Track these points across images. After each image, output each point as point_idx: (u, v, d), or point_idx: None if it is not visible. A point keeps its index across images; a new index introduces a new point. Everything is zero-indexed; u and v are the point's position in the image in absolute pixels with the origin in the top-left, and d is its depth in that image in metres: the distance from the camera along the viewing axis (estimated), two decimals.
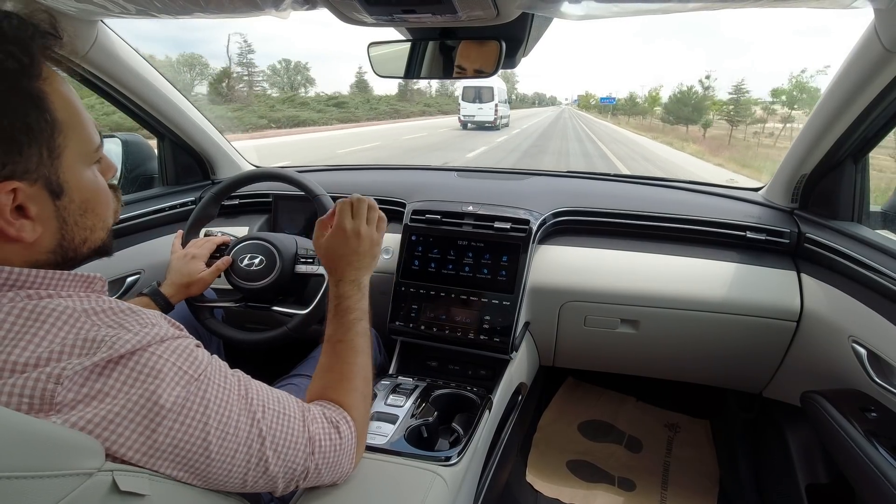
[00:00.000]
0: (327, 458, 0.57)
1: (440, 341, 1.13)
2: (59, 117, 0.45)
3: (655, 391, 1.65)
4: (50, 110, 0.44)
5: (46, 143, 0.44)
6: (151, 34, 32.67)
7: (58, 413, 0.39)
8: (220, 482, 0.49)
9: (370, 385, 0.69)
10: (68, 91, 0.47)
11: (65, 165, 0.46)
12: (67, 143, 0.46)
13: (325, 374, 0.67)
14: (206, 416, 0.46)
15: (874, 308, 0.87)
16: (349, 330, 0.69)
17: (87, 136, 0.49)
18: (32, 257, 0.46)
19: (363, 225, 0.75)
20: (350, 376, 0.66)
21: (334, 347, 0.68)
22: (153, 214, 1.32)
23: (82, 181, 0.49)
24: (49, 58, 0.46)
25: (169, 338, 0.47)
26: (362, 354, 0.69)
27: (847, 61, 0.88)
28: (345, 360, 0.67)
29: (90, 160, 0.50)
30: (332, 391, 0.65)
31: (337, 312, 0.71)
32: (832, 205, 1.11)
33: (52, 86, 0.45)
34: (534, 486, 1.34)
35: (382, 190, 1.38)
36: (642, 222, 1.23)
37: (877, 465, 0.74)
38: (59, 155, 0.46)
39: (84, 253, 0.51)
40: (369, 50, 1.04)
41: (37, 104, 0.43)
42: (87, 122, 0.49)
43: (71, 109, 0.47)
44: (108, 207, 0.54)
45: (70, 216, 0.48)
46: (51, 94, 0.45)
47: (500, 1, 0.74)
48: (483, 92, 19.08)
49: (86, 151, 0.49)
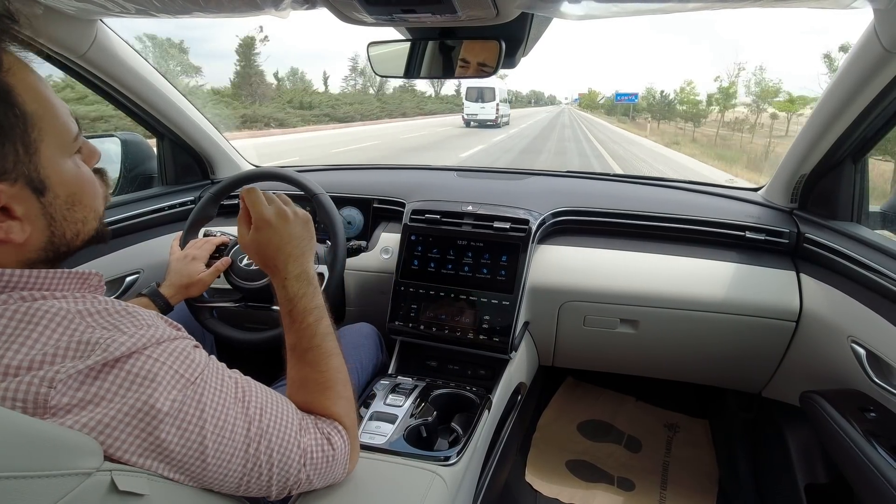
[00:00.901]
0: (319, 469, 0.56)
1: (439, 341, 1.13)
2: (29, 110, 0.43)
3: (655, 391, 1.65)
4: (18, 104, 0.42)
5: (20, 140, 0.42)
6: (151, 34, 32.71)
7: (52, 417, 0.39)
8: (215, 485, 0.49)
9: (349, 386, 0.64)
10: (36, 80, 0.44)
11: (44, 160, 0.44)
12: (42, 136, 0.44)
13: (301, 389, 0.61)
14: (203, 420, 0.46)
15: (873, 308, 0.87)
16: (314, 335, 0.62)
17: (62, 126, 0.46)
18: (25, 257, 0.45)
19: (282, 206, 0.66)
20: (330, 384, 0.61)
21: (303, 358, 0.62)
22: (152, 214, 1.32)
23: (64, 174, 0.47)
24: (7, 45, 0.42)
25: (165, 339, 0.46)
26: (334, 356, 0.63)
27: (847, 61, 0.88)
28: (318, 370, 0.61)
29: (69, 150, 0.48)
30: (316, 405, 0.60)
31: (293, 318, 0.63)
32: (831, 205, 1.11)
33: (16, 77, 0.42)
34: (533, 485, 1.34)
35: (382, 190, 1.38)
36: (642, 222, 1.23)
37: (876, 465, 0.74)
38: (35, 150, 0.43)
39: (78, 245, 0.50)
40: (369, 49, 1.04)
41: (3, 99, 0.41)
42: (60, 111, 0.46)
43: (41, 100, 0.44)
44: (95, 196, 0.52)
45: (57, 212, 0.47)
46: (17, 85, 0.42)
47: (500, 1, 0.74)
48: (485, 92, 20.14)
49: (63, 142, 0.47)
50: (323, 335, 0.63)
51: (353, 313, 1.33)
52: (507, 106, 24.57)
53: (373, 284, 1.29)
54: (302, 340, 0.62)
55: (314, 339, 0.62)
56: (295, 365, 0.62)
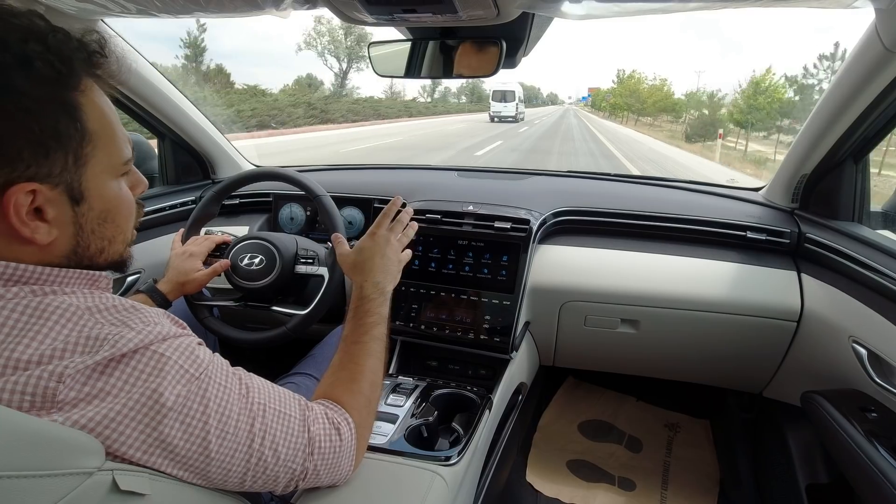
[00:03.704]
0: (326, 459, 0.57)
1: (440, 341, 1.13)
2: (89, 127, 0.46)
3: (655, 391, 1.65)
4: (81, 120, 0.46)
5: (73, 151, 0.45)
6: (151, 33, 32.97)
7: (59, 411, 0.40)
8: (219, 481, 0.49)
9: (377, 391, 0.69)
10: (104, 104, 0.49)
11: (89, 174, 0.47)
12: (95, 152, 0.47)
13: (335, 373, 0.68)
14: (206, 414, 0.46)
15: (874, 308, 0.87)
16: (366, 333, 0.70)
17: (116, 149, 0.50)
18: (45, 259, 0.46)
19: (394, 236, 0.81)
20: (358, 378, 0.67)
21: (349, 348, 0.69)
22: (153, 214, 1.33)
23: (105, 191, 0.49)
24: (91, 74, 0.48)
25: (171, 336, 0.47)
26: (373, 358, 0.69)
27: (848, 61, 0.88)
28: (356, 362, 0.68)
29: (117, 172, 0.51)
30: (338, 390, 0.65)
31: (356, 314, 0.72)
32: (832, 205, 1.11)
33: (87, 97, 0.47)
34: (534, 485, 1.34)
35: (382, 189, 1.38)
36: (643, 222, 1.23)
37: (877, 465, 0.74)
38: (84, 163, 0.47)
39: (99, 264, 0.52)
40: (369, 49, 1.04)
41: (69, 112, 0.45)
42: (118, 136, 0.50)
43: (104, 122, 0.48)
44: (129, 219, 0.54)
45: (88, 223, 0.49)
46: (85, 104, 0.46)
47: (501, 1, 0.74)
48: (507, 94, 26.12)
49: (113, 163, 0.50)
50: (373, 336, 0.71)
51: None
52: (523, 105, 30.26)
53: None
54: (354, 333, 0.70)
55: (364, 336, 0.70)
56: (340, 351, 0.70)
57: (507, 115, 26.38)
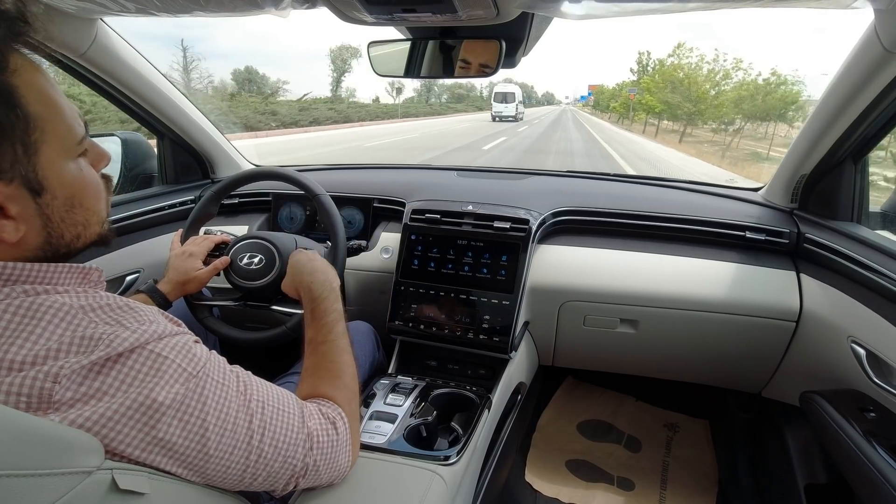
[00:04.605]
0: (325, 453, 0.58)
1: (439, 341, 1.13)
2: (32, 111, 0.42)
3: (655, 391, 1.65)
4: (21, 105, 0.41)
5: (20, 140, 0.42)
6: (151, 33, 33.01)
7: (56, 411, 0.39)
8: (218, 478, 0.49)
9: (357, 382, 0.71)
10: (43, 82, 0.44)
11: (43, 161, 0.44)
12: (44, 137, 0.43)
13: (313, 374, 0.68)
14: (205, 412, 0.46)
15: (873, 308, 0.87)
16: (330, 331, 0.71)
17: (66, 129, 0.46)
18: (22, 255, 0.45)
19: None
20: (339, 374, 0.68)
21: (319, 349, 0.70)
22: (152, 213, 1.32)
23: (65, 176, 0.46)
24: (17, 50, 0.42)
25: (167, 335, 0.46)
26: (346, 353, 0.71)
27: (847, 61, 0.88)
28: (331, 360, 0.69)
29: (73, 153, 0.47)
30: (324, 387, 0.66)
31: (314, 315, 0.73)
32: (832, 205, 1.11)
33: (22, 78, 0.42)
34: (533, 485, 1.34)
35: (382, 189, 1.38)
36: (642, 222, 1.23)
37: (876, 465, 0.74)
38: (35, 151, 0.43)
39: (79, 247, 0.50)
40: (369, 49, 1.04)
41: (5, 100, 0.41)
42: (66, 114, 0.46)
43: (46, 102, 0.44)
44: (98, 199, 0.51)
45: (55, 213, 0.46)
46: (21, 87, 0.41)
47: (500, 0, 0.73)
48: (507, 96, 28.36)
49: (67, 145, 0.46)
50: (338, 333, 0.72)
51: (353, 313, 1.34)
52: (523, 105, 32.72)
53: (373, 284, 1.29)
54: (318, 335, 0.71)
55: (329, 335, 0.71)
56: (310, 356, 0.70)
57: (507, 115, 28.55)
